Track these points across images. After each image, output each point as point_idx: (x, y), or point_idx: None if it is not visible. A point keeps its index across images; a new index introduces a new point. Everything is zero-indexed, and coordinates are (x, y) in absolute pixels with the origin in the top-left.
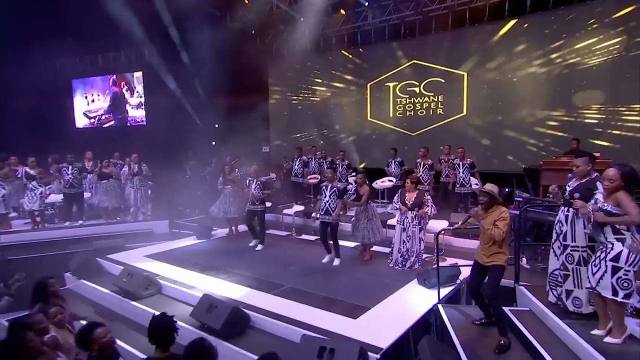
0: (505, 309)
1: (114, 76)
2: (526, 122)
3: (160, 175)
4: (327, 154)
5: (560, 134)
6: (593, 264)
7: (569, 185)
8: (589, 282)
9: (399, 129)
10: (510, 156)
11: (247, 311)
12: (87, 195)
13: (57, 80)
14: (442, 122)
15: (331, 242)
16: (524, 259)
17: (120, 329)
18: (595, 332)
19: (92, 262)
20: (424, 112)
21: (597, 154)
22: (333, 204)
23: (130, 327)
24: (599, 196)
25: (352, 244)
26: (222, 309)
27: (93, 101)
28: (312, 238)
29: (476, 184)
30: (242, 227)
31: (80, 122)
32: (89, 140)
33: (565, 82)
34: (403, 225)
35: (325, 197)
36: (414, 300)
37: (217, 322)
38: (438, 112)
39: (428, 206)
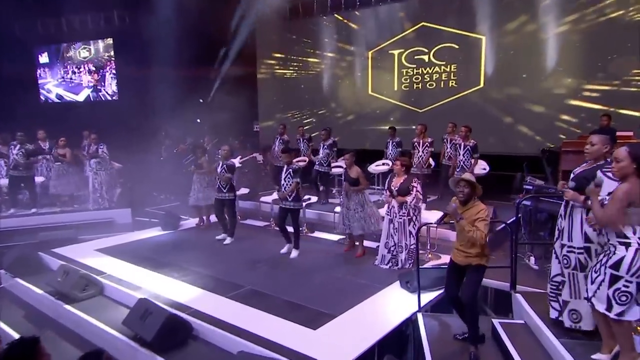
0: (495, 321)
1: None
2: (556, 95)
3: (133, 157)
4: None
5: (598, 107)
6: (594, 269)
7: (573, 173)
8: (586, 290)
9: (405, 105)
10: (538, 136)
11: (191, 318)
12: (39, 179)
13: (16, 47)
14: (455, 97)
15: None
16: (532, 258)
17: (47, 339)
18: (598, 356)
19: (32, 256)
20: (434, 85)
21: (628, 133)
22: (289, 187)
23: (61, 335)
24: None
25: (334, 237)
26: (157, 316)
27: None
28: None
29: (484, 169)
30: (214, 217)
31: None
32: (55, 117)
33: (605, 43)
34: (390, 215)
35: (282, 180)
36: (391, 307)
37: (149, 332)
38: (450, 84)
39: (412, 194)
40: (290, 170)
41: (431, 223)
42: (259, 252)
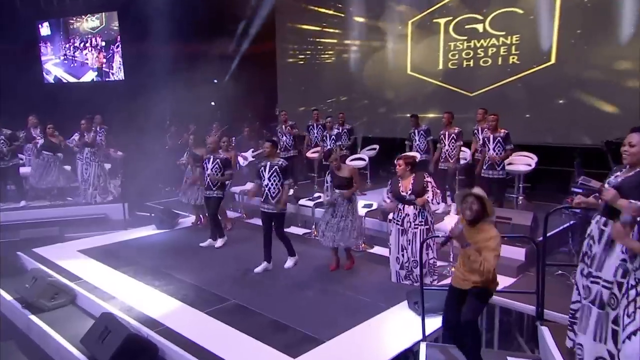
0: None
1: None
2: None
3: (137, 145)
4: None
5: None
6: (625, 312)
7: (608, 182)
8: (611, 339)
9: (452, 87)
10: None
11: (158, 338)
12: (24, 170)
13: (18, 23)
14: (516, 77)
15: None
16: None
17: (6, 352)
18: None
19: (8, 257)
20: (489, 62)
21: None
22: (274, 188)
23: (23, 348)
24: None
25: None
26: (116, 335)
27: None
28: (301, 232)
29: (528, 165)
30: None
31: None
32: (54, 99)
33: None
34: (402, 224)
35: (264, 180)
36: (392, 333)
37: (105, 354)
38: (510, 60)
39: (428, 190)
40: (277, 167)
41: (438, 235)
42: (255, 257)
